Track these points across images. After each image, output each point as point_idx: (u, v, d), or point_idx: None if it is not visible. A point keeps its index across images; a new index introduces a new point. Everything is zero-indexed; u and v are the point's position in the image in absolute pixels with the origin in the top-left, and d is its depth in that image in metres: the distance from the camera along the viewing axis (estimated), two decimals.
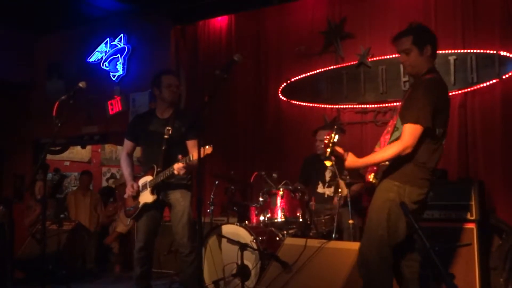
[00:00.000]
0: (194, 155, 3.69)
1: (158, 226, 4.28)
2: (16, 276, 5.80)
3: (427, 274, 4.12)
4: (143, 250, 4.15)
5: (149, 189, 4.09)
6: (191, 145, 4.06)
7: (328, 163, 3.22)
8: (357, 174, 4.22)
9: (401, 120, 3.07)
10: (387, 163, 3.15)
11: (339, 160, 4.86)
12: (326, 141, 3.18)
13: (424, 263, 3.40)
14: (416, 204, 3.07)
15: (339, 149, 3.20)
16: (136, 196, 4.19)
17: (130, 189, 4.20)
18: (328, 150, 3.14)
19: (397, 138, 3.07)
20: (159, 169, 4.05)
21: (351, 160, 3.16)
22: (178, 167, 3.79)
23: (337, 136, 3.17)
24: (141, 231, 4.18)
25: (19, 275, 5.95)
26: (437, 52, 3.28)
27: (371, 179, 3.31)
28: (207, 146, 3.61)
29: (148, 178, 4.12)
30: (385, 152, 3.10)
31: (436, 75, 3.17)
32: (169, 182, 4.08)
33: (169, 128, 4.11)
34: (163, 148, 4.09)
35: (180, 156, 3.80)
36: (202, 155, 3.57)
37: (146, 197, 4.11)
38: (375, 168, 3.27)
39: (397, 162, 3.07)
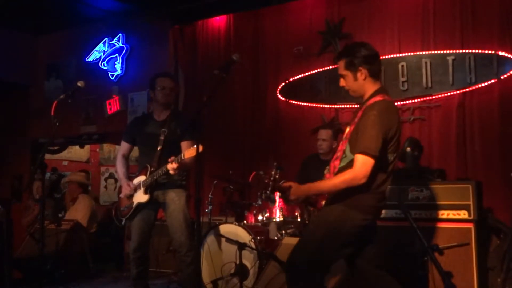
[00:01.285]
0: (185, 154, 3.70)
1: (153, 226, 4.28)
2: (14, 276, 5.79)
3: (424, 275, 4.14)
4: (138, 250, 4.15)
5: (142, 188, 4.10)
6: (185, 145, 4.07)
7: (272, 203, 3.09)
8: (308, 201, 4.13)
9: (351, 148, 2.92)
10: None
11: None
12: (266, 180, 3.04)
13: (422, 263, 3.40)
14: (356, 228, 2.93)
15: (284, 184, 3.05)
16: (130, 196, 4.20)
17: (127, 188, 4.20)
18: (269, 189, 3.01)
19: (347, 165, 2.93)
20: (152, 169, 4.06)
21: (295, 190, 2.97)
22: (171, 166, 3.80)
23: (278, 172, 3.02)
24: (135, 232, 4.18)
25: (17, 275, 5.94)
26: (379, 70, 3.09)
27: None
28: (194, 146, 3.62)
29: (142, 178, 4.14)
30: (335, 180, 2.93)
31: (384, 97, 2.99)
32: (163, 182, 4.08)
33: (165, 129, 4.13)
34: (159, 148, 4.11)
35: (172, 157, 3.80)
36: (192, 154, 3.60)
37: (140, 197, 4.12)
38: (327, 195, 3.11)
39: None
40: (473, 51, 5.25)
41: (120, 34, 7.79)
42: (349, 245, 2.98)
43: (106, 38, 7.90)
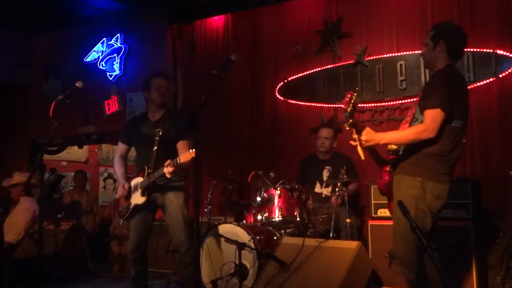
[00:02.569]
0: (181, 157, 3.70)
1: (151, 227, 4.27)
2: (13, 276, 5.78)
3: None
4: (136, 251, 4.15)
5: (139, 190, 4.09)
6: (181, 146, 4.06)
7: (347, 125, 3.10)
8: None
9: (421, 109, 3.08)
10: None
11: (336, 161, 4.84)
12: (347, 99, 3.12)
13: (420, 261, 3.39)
14: (439, 199, 3.06)
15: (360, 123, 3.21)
16: (128, 196, 4.21)
17: (121, 189, 4.21)
18: (349, 108, 3.08)
19: None
20: (149, 170, 4.05)
21: (368, 132, 3.11)
22: (167, 170, 3.79)
23: (355, 96, 3.13)
24: (133, 232, 4.18)
25: (16, 276, 5.93)
26: (459, 53, 3.30)
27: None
28: (191, 150, 3.62)
29: (139, 179, 4.13)
30: (406, 131, 3.12)
31: (453, 68, 3.21)
32: (160, 184, 4.07)
33: (159, 129, 4.12)
34: (154, 149, 4.10)
35: (168, 161, 3.80)
36: (187, 159, 3.59)
37: (137, 198, 4.11)
38: (391, 156, 3.27)
39: (418, 157, 3.06)
40: (472, 49, 5.25)
41: (118, 34, 7.78)
42: (433, 218, 3.08)
43: (104, 38, 7.89)
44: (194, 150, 3.57)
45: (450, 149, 3.07)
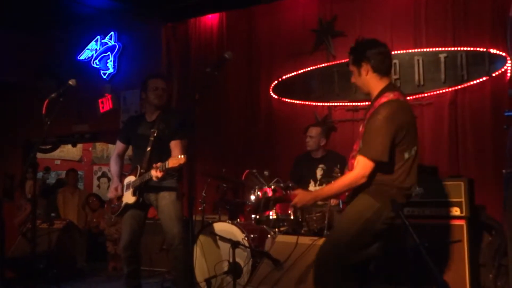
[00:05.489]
0: (169, 163, 3.70)
1: (143, 225, 4.26)
2: (6, 275, 5.77)
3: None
4: (128, 249, 4.15)
5: (131, 189, 4.10)
6: (173, 145, 4.07)
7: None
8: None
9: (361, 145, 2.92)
10: None
11: (330, 160, 4.85)
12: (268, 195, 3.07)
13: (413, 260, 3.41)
14: (385, 224, 2.93)
15: (294, 192, 3.11)
16: (120, 194, 4.23)
17: (113, 191, 4.24)
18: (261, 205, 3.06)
19: None
20: (142, 170, 4.06)
21: (301, 197, 3.01)
22: (155, 174, 3.80)
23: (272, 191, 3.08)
24: (125, 231, 4.19)
25: (9, 275, 5.92)
26: (386, 66, 3.02)
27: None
28: (180, 156, 3.62)
29: (132, 178, 4.14)
30: (338, 185, 2.97)
31: (392, 96, 2.91)
32: (153, 185, 4.04)
33: (154, 130, 4.13)
34: (148, 150, 4.10)
35: (158, 164, 3.80)
36: (175, 164, 3.64)
37: (128, 197, 4.13)
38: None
39: (381, 187, 2.91)
40: (465, 48, 5.27)
41: (112, 32, 7.76)
42: (377, 241, 3.00)
43: (98, 37, 7.87)
44: (183, 156, 3.59)
45: (405, 176, 2.94)
